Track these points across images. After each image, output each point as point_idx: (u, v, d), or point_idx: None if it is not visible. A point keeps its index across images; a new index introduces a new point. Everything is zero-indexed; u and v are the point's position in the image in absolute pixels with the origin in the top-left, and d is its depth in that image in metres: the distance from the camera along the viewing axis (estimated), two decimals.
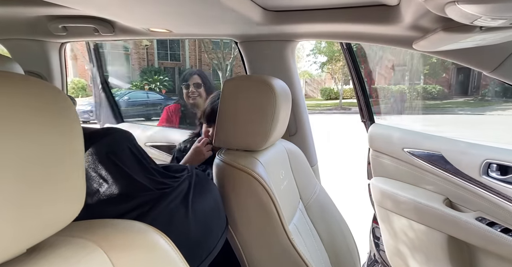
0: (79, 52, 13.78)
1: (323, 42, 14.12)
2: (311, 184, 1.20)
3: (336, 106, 14.39)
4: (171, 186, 0.74)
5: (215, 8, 0.87)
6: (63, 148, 0.35)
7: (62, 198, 0.35)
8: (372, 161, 1.71)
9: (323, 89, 17.70)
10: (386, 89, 14.48)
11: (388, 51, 13.88)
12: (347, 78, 16.08)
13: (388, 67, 14.19)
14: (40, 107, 0.33)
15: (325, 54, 14.68)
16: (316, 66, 15.91)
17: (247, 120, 0.91)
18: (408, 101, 13.23)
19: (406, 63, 14.30)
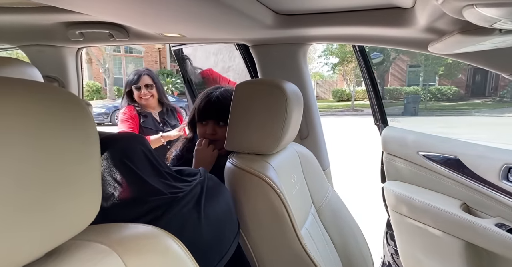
0: (94, 55, 14.14)
1: (335, 44, 14.02)
2: (323, 188, 1.19)
3: (348, 107, 14.23)
4: (183, 190, 0.75)
5: (227, 12, 0.87)
6: (80, 153, 0.35)
7: (79, 202, 0.36)
8: (386, 165, 1.69)
9: (335, 90, 17.55)
10: (399, 91, 14.26)
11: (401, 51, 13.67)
12: (359, 79, 15.91)
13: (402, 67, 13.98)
14: (55, 113, 0.33)
15: (337, 55, 14.56)
16: (328, 67, 15.82)
17: (259, 124, 0.91)
18: (422, 103, 12.97)
19: (420, 63, 14.05)
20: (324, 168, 1.40)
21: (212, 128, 1.10)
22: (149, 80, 1.88)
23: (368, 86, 1.72)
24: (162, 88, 2.01)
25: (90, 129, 0.37)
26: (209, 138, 1.10)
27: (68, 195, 0.34)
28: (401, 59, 15.05)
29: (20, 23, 1.22)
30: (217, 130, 1.09)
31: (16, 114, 0.30)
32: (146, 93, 1.86)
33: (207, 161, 1.10)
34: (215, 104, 1.09)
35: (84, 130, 0.36)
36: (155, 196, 0.69)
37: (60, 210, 0.33)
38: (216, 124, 1.10)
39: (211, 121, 1.10)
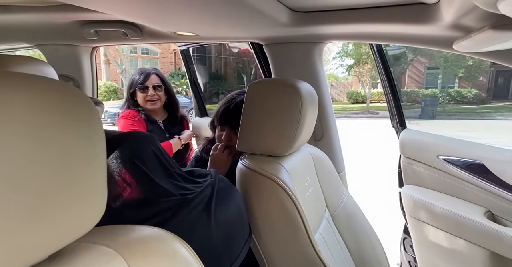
0: (111, 57, 14.46)
1: (350, 45, 13.83)
2: (338, 192, 1.14)
3: (363, 110, 14.00)
4: (193, 192, 0.73)
5: (242, 10, 0.85)
6: (84, 152, 0.34)
7: (84, 204, 0.35)
8: (404, 169, 1.62)
9: (350, 92, 17.32)
10: (416, 93, 13.93)
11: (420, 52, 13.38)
12: (375, 81, 15.64)
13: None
14: (59, 111, 0.32)
15: (352, 57, 14.36)
16: (343, 69, 15.56)
17: (272, 125, 0.88)
18: (440, 105, 12.62)
19: (438, 65, 13.69)
20: (339, 171, 1.36)
21: (228, 135, 1.10)
22: (158, 80, 1.61)
23: (385, 87, 1.66)
24: (172, 90, 1.71)
25: (96, 127, 0.36)
26: (225, 144, 1.10)
27: (72, 196, 0.33)
28: (419, 61, 14.71)
29: (37, 22, 1.24)
30: (233, 137, 1.08)
31: (19, 111, 0.28)
32: (153, 94, 1.57)
33: (221, 166, 1.10)
34: (233, 111, 1.08)
35: (90, 129, 0.35)
36: (165, 198, 0.67)
37: (65, 211, 0.32)
38: (233, 130, 1.09)
39: (227, 127, 1.10)
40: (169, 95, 1.67)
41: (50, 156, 0.30)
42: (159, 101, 1.61)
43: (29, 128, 0.29)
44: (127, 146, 0.66)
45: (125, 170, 0.64)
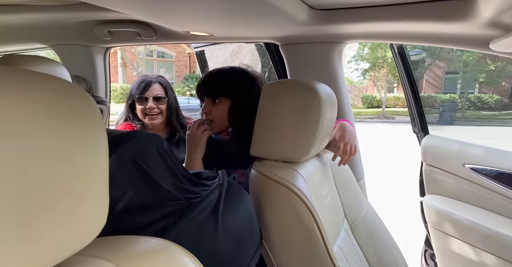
0: (128, 60, 14.76)
1: (366, 49, 13.64)
2: (357, 201, 1.07)
3: (378, 114, 13.75)
4: (200, 195, 0.68)
5: (259, 7, 0.81)
6: (84, 158, 0.31)
7: (82, 215, 0.32)
8: (426, 177, 1.54)
9: (365, 96, 17.07)
10: (434, 98, 13.59)
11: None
12: (391, 85, 15.36)
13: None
14: (56, 111, 0.29)
15: (368, 61, 14.14)
16: (358, 73, 15.32)
17: (288, 129, 0.83)
18: (459, 111, 12.24)
19: (458, 70, 13.32)
20: (358, 178, 1.29)
21: (206, 106, 1.01)
22: (161, 90, 1.36)
23: (407, 92, 1.59)
24: (177, 103, 1.43)
25: (98, 131, 0.33)
26: (206, 118, 1.01)
27: (70, 206, 0.30)
28: (437, 66, 14.36)
29: (51, 22, 1.23)
30: (212, 109, 1.00)
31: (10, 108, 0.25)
32: (152, 107, 1.32)
33: (195, 146, 1.00)
34: (209, 79, 1.02)
35: (91, 132, 0.32)
36: (169, 202, 0.63)
37: (62, 223, 0.29)
38: (211, 102, 1.01)
39: (207, 98, 1.02)
40: (169, 110, 1.38)
41: (46, 162, 0.27)
42: (160, 116, 1.35)
43: (22, 129, 0.26)
44: (130, 145, 0.62)
45: (126, 171, 0.60)
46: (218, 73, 1.03)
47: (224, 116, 1.00)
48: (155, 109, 1.33)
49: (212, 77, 1.03)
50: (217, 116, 1.00)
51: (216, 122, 1.01)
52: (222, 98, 0.99)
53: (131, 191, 0.60)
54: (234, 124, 1.00)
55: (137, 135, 0.66)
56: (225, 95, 0.99)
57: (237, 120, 1.00)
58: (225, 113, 1.00)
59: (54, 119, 0.28)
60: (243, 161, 1.02)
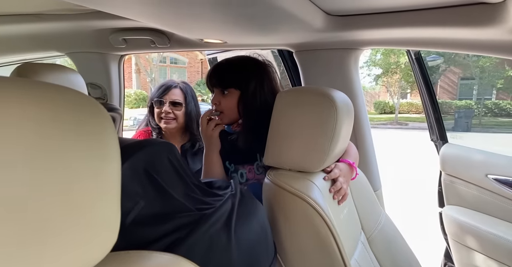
0: (142, 66, 15.04)
1: (378, 54, 13.50)
2: (374, 213, 1.03)
3: (391, 120, 13.53)
4: (212, 206, 0.66)
5: (274, 14, 0.79)
6: (95, 172, 0.30)
7: (91, 231, 0.31)
8: (445, 187, 1.48)
9: (377, 102, 16.85)
10: (449, 104, 13.30)
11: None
12: (404, 91, 15.12)
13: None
14: (66, 122, 0.28)
15: (380, 66, 13.99)
16: (370, 78, 15.16)
17: (303, 137, 0.80)
18: (476, 118, 11.92)
19: (474, 76, 13.02)
20: (375, 189, 1.25)
21: (215, 97, 1.00)
22: (180, 96, 1.34)
23: (424, 98, 1.54)
24: (197, 110, 1.39)
25: (110, 140, 0.31)
26: (216, 109, 1.00)
27: (80, 221, 0.29)
28: (452, 71, 14.07)
29: (67, 30, 1.25)
30: (221, 100, 0.99)
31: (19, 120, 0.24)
32: (167, 111, 1.30)
33: (209, 142, 1.00)
34: (218, 70, 1.00)
35: (102, 141, 0.30)
36: (181, 213, 0.61)
37: (72, 239, 0.28)
38: (220, 93, 0.99)
39: (216, 89, 1.00)
40: (188, 117, 1.35)
41: (54, 174, 0.26)
42: (175, 122, 1.32)
43: (30, 141, 0.25)
44: (142, 155, 0.61)
45: (138, 181, 0.59)
46: (226, 63, 1.01)
47: (234, 107, 0.98)
48: (170, 114, 1.32)
49: (220, 68, 1.01)
50: (226, 107, 0.98)
51: (226, 114, 0.99)
52: (231, 89, 0.97)
53: (143, 201, 0.58)
54: (244, 116, 0.98)
55: (148, 144, 0.65)
56: (234, 86, 0.97)
57: (246, 111, 0.97)
58: (235, 104, 0.98)
59: (64, 130, 0.27)
60: (251, 155, 1.00)
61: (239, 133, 1.00)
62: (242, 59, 1.02)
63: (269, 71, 1.01)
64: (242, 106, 0.97)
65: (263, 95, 0.97)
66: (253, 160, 1.01)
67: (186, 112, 1.35)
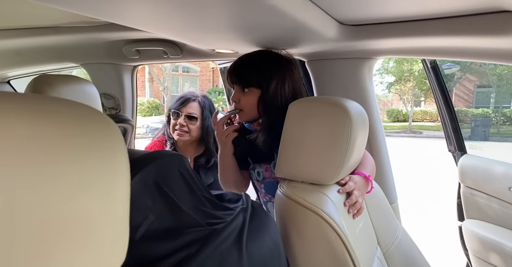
0: (155, 75, 15.33)
1: (391, 62, 13.38)
2: (391, 227, 0.99)
3: (405, 129, 13.29)
4: (223, 221, 0.64)
5: (287, 25, 0.78)
6: (103, 185, 0.29)
7: (100, 249, 0.30)
8: (465, 200, 1.42)
9: (390, 110, 16.62)
10: (464, 112, 12.99)
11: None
12: (418, 99, 14.87)
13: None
14: (73, 136, 0.27)
15: (393, 74, 13.83)
16: (383, 86, 14.99)
17: (316, 149, 0.78)
18: (493, 126, 11.58)
19: (491, 84, 12.71)
20: (391, 201, 1.20)
21: (235, 95, 0.98)
22: (197, 110, 1.34)
23: (441, 108, 1.50)
24: (210, 128, 1.36)
25: (119, 155, 0.30)
26: (235, 106, 0.99)
27: (84, 241, 0.28)
28: (468, 79, 13.78)
29: (83, 42, 1.28)
30: (241, 98, 0.97)
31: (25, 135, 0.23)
32: (182, 124, 1.31)
33: (223, 147, 1.01)
34: (239, 66, 0.98)
35: (111, 156, 0.30)
36: (191, 228, 0.59)
37: (75, 260, 0.27)
38: (240, 90, 0.97)
39: (236, 86, 0.98)
40: (204, 131, 1.35)
41: (61, 189, 0.25)
42: (188, 135, 1.33)
43: (37, 157, 0.24)
44: (153, 167, 0.60)
45: (148, 195, 0.58)
46: (247, 60, 0.98)
47: (254, 106, 0.96)
48: (184, 127, 1.32)
49: (241, 64, 0.98)
50: (246, 105, 0.96)
51: (245, 112, 0.97)
52: (252, 87, 0.95)
53: (152, 215, 0.57)
54: (264, 114, 0.97)
55: (159, 156, 0.64)
56: (254, 85, 0.95)
57: (267, 111, 0.96)
58: (255, 103, 0.96)
59: (73, 145, 0.26)
60: (269, 154, 0.99)
61: (259, 132, 0.99)
62: (264, 55, 0.99)
63: (292, 68, 0.98)
64: (262, 105, 0.96)
65: (284, 94, 0.95)
66: (271, 159, 1.00)
67: (201, 126, 1.35)
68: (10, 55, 1.46)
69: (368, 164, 0.95)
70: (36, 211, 0.24)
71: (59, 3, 0.70)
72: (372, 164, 0.98)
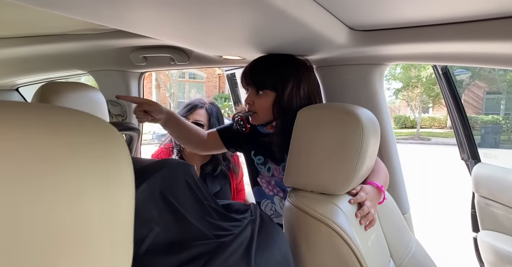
0: (162, 81, 15.48)
1: (398, 68, 13.31)
2: (404, 239, 0.96)
3: (413, 135, 13.13)
4: (231, 233, 0.62)
5: (296, 31, 0.77)
6: (106, 197, 0.27)
7: (102, 265, 0.27)
8: (479, 210, 1.38)
9: (397, 116, 16.48)
10: (474, 119, 12.80)
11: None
12: (426, 106, 14.73)
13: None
14: (74, 146, 0.25)
15: (400, 80, 13.74)
16: (390, 92, 14.89)
17: (326, 158, 0.76)
18: (504, 134, 11.37)
19: (501, 90, 12.53)
20: (404, 212, 1.16)
21: (249, 97, 0.98)
22: (204, 117, 1.32)
23: (453, 115, 1.46)
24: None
25: (124, 166, 0.29)
26: (248, 109, 0.99)
27: (86, 256, 0.25)
28: (477, 85, 13.62)
29: (90, 50, 1.28)
30: (255, 100, 0.97)
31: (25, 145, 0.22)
32: None
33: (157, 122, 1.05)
34: (254, 69, 0.98)
35: (115, 167, 0.28)
36: (197, 240, 0.57)
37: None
38: (255, 92, 0.97)
39: (251, 88, 0.98)
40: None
41: (59, 203, 0.23)
42: None
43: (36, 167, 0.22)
44: (158, 177, 0.59)
45: (153, 206, 0.56)
46: (263, 62, 0.98)
47: (268, 108, 0.96)
48: None
49: (256, 66, 0.98)
50: (260, 108, 0.96)
51: (259, 114, 0.97)
52: (266, 90, 0.95)
53: (158, 227, 0.55)
54: (278, 118, 0.96)
55: (165, 165, 0.63)
56: (269, 88, 0.94)
57: (281, 114, 0.94)
58: (269, 106, 0.95)
59: (77, 156, 0.25)
60: (280, 156, 0.99)
61: (272, 135, 0.98)
62: (280, 58, 0.98)
63: (308, 71, 0.98)
64: (277, 108, 0.95)
65: (299, 98, 0.94)
66: (281, 161, 1.00)
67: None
68: (19, 63, 1.48)
69: (381, 174, 0.92)
70: (36, 224, 0.22)
71: (67, 10, 0.69)
72: (386, 174, 0.95)
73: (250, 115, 0.99)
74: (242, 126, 1.03)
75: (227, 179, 1.43)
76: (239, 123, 1.03)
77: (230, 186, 1.44)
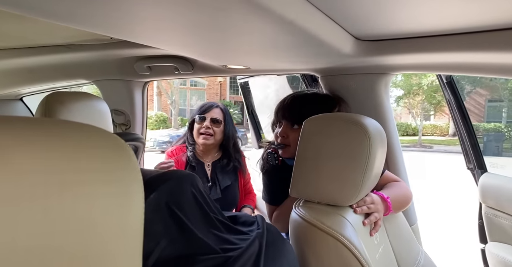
0: (163, 89, 15.56)
1: (399, 76, 13.36)
2: (412, 251, 0.94)
3: (414, 143, 13.09)
4: (239, 247, 0.61)
5: (302, 40, 0.76)
6: (116, 214, 0.26)
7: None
8: (487, 221, 1.35)
9: (399, 124, 16.47)
10: (476, 127, 12.77)
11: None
12: (427, 113, 14.72)
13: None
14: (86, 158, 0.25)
15: (402, 88, 13.77)
16: (391, 99, 14.85)
17: (333, 168, 0.74)
18: (507, 141, 11.31)
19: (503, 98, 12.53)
20: (411, 223, 1.14)
21: (283, 130, 1.02)
22: (220, 115, 1.45)
23: (458, 124, 1.45)
24: (233, 130, 1.50)
25: (133, 177, 0.28)
26: (280, 142, 1.02)
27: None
28: (478, 93, 13.63)
29: (95, 59, 1.29)
30: (289, 133, 1.01)
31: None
32: (208, 127, 1.40)
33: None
34: (288, 104, 1.03)
35: (125, 178, 0.28)
36: (205, 255, 0.56)
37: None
38: (289, 126, 1.02)
39: (284, 122, 1.03)
40: (225, 136, 1.46)
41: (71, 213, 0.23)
42: (213, 138, 1.42)
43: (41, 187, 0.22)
44: (164, 189, 0.58)
45: (160, 219, 0.55)
46: (301, 99, 1.04)
47: None
48: (209, 130, 1.42)
49: (294, 102, 1.03)
50: (294, 141, 0.98)
51: (293, 147, 0.99)
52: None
53: (164, 241, 0.54)
54: None
55: (171, 177, 0.62)
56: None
57: None
58: None
59: (86, 168, 0.25)
60: None
61: None
62: (318, 95, 1.06)
63: (342, 108, 1.04)
64: None
65: None
66: None
67: (224, 130, 1.46)
68: (23, 73, 1.49)
69: (395, 189, 0.93)
70: (42, 244, 0.22)
71: (72, 22, 0.70)
72: (402, 193, 0.95)
73: (281, 148, 1.03)
74: (276, 158, 1.07)
75: (237, 176, 1.53)
76: (273, 156, 1.07)
77: (238, 184, 1.53)
